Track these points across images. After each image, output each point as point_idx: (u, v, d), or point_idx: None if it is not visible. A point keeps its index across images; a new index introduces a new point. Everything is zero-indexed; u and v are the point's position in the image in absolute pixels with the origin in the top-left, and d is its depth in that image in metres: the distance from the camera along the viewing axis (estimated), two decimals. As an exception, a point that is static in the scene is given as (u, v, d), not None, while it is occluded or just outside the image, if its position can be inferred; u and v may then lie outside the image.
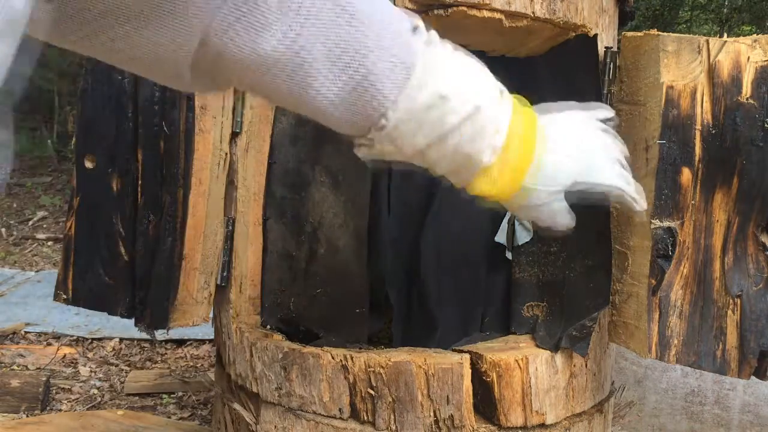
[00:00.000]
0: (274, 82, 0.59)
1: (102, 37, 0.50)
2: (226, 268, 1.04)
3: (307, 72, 0.58)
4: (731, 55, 0.80)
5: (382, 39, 0.60)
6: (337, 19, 0.58)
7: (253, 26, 0.54)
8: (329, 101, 0.61)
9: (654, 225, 0.82)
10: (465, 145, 0.65)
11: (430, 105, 0.63)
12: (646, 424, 1.80)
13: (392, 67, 0.61)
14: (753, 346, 0.82)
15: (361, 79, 0.60)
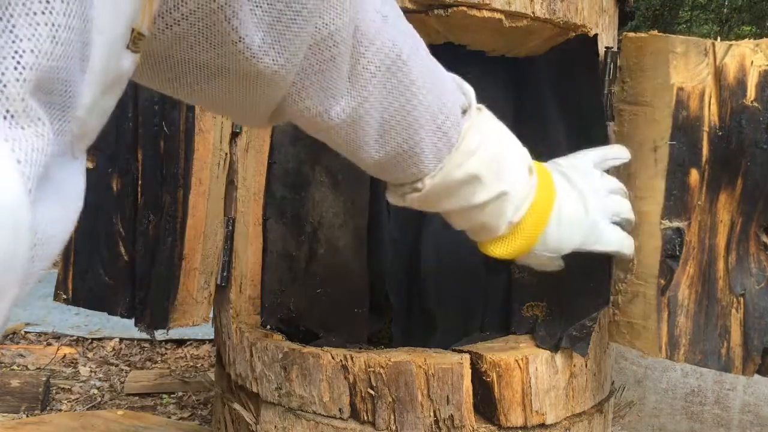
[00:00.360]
0: (330, 138, 0.65)
1: (185, 87, 0.54)
2: (226, 268, 1.04)
3: (361, 137, 0.64)
4: (737, 58, 0.81)
5: (435, 117, 0.65)
6: (399, 93, 0.62)
7: (326, 95, 0.59)
8: (375, 161, 0.67)
9: (663, 225, 0.83)
10: (486, 218, 0.72)
11: (463, 182, 0.69)
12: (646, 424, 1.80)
13: (437, 142, 0.67)
14: (756, 343, 0.82)
15: (407, 149, 0.66)
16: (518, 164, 0.72)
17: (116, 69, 0.38)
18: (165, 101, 0.96)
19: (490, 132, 0.71)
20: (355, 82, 0.60)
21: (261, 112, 0.59)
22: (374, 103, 0.62)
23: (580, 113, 0.93)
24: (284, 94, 0.57)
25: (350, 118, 0.61)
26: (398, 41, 0.61)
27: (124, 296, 1.04)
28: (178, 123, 0.97)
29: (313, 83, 0.57)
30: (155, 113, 0.97)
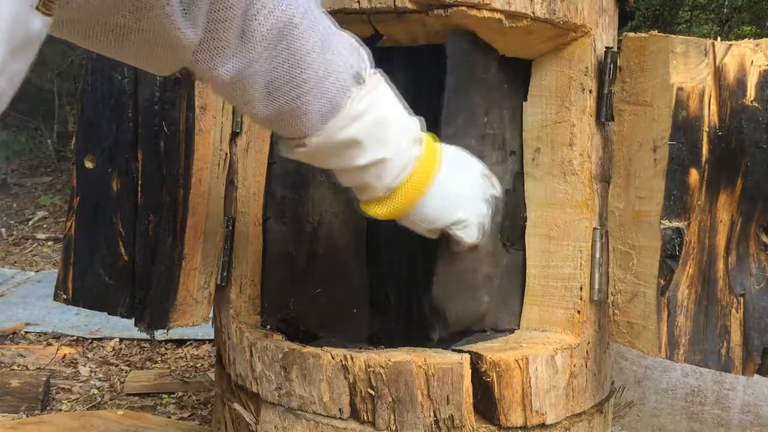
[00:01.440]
0: (223, 94, 0.71)
1: (101, 44, 0.56)
2: (226, 268, 1.04)
3: (250, 94, 0.68)
4: (736, 58, 0.81)
5: (322, 82, 0.69)
6: (286, 57, 0.66)
7: (217, 53, 0.62)
8: (263, 116, 0.71)
9: (663, 225, 0.83)
10: (366, 179, 0.77)
11: (344, 144, 0.74)
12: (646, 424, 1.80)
13: (322, 107, 0.71)
14: (756, 343, 0.82)
15: (293, 109, 0.70)
16: (403, 133, 0.76)
17: (24, 29, 0.37)
18: (165, 101, 0.96)
19: (379, 99, 0.74)
20: (245, 42, 0.62)
21: (170, 67, 0.62)
22: (263, 63, 0.65)
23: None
24: (190, 56, 0.61)
25: (239, 76, 0.64)
26: (292, 4, 0.63)
27: (124, 296, 1.04)
28: (178, 123, 0.97)
29: (206, 41, 0.60)
30: (155, 113, 0.97)
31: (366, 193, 0.80)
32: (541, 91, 0.98)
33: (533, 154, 0.99)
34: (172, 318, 1.03)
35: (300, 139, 0.74)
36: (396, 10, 0.86)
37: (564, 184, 0.96)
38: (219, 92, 0.71)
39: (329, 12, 0.89)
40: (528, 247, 1.00)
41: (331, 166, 0.79)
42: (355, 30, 0.92)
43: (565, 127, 0.95)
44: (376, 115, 0.73)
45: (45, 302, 2.80)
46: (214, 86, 0.68)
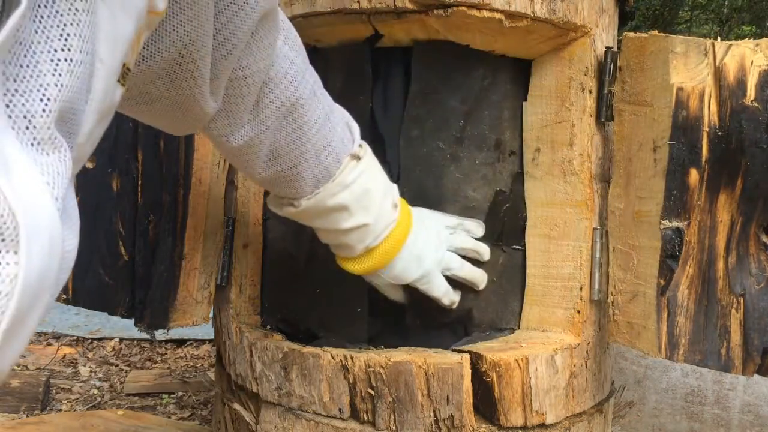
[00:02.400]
0: (229, 156, 0.78)
1: (130, 108, 0.62)
2: (226, 268, 1.04)
3: (254, 159, 0.75)
4: (736, 58, 0.81)
5: (320, 153, 0.77)
6: (292, 130, 0.74)
7: (230, 122, 0.69)
8: (262, 177, 0.78)
9: (663, 225, 0.83)
10: (348, 240, 0.84)
11: (333, 209, 0.81)
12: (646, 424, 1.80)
13: (317, 174, 0.78)
14: (756, 343, 0.82)
15: (290, 174, 0.77)
16: (385, 200, 0.84)
17: (111, 98, 0.42)
18: (165, 101, 0.96)
19: (367, 170, 0.82)
20: (256, 115, 0.70)
21: (186, 130, 0.70)
22: (269, 135, 0.73)
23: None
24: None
25: (247, 144, 0.72)
26: (300, 86, 0.72)
27: (124, 296, 1.04)
28: (178, 123, 0.97)
29: (222, 111, 0.67)
30: (155, 113, 0.97)
31: (344, 251, 0.88)
32: (541, 91, 0.98)
33: (533, 154, 0.99)
34: (172, 318, 1.03)
35: (292, 200, 0.81)
36: (396, 10, 0.86)
37: (564, 184, 0.96)
38: (226, 154, 0.78)
39: (329, 12, 0.89)
40: (528, 247, 1.00)
41: (316, 225, 0.86)
42: (355, 30, 0.93)
43: (565, 127, 0.95)
44: (363, 185, 0.81)
45: (45, 302, 2.80)
46: (223, 150, 0.75)
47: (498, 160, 1.00)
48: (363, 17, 0.89)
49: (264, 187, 0.85)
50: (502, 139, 1.00)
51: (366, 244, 0.84)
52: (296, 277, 1.04)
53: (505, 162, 1.01)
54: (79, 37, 0.34)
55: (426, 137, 0.97)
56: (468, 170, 0.98)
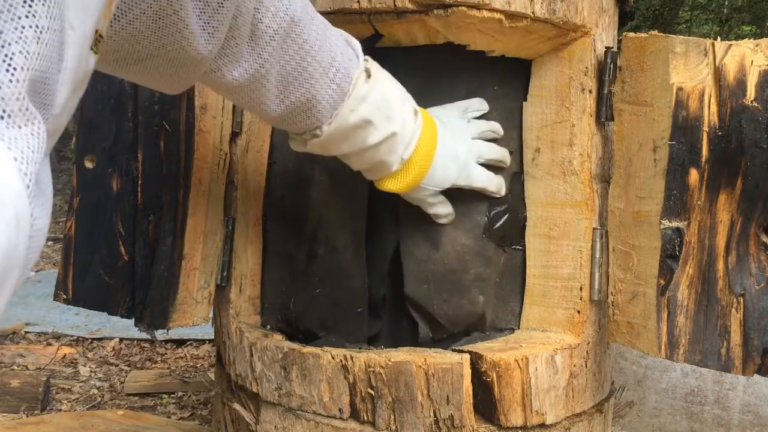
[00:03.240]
0: (235, 98, 0.74)
1: (120, 69, 0.61)
2: (226, 268, 1.04)
3: (263, 94, 0.72)
4: (736, 58, 0.81)
5: (327, 70, 0.74)
6: (294, 52, 0.70)
7: (229, 60, 0.66)
8: (277, 115, 0.75)
9: (663, 225, 0.83)
10: (380, 156, 0.81)
11: (357, 126, 0.78)
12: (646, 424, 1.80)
13: (332, 93, 0.75)
14: (756, 343, 0.82)
15: (305, 101, 0.74)
16: (405, 107, 0.82)
17: (85, 67, 0.40)
18: (165, 101, 0.96)
19: (377, 79, 0.79)
20: (255, 46, 0.67)
21: (184, 84, 0.66)
22: (274, 63, 0.69)
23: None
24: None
25: (252, 79, 0.69)
26: (291, 4, 0.68)
27: (124, 296, 1.04)
28: (178, 123, 0.97)
29: (219, 52, 0.64)
30: (155, 113, 0.97)
31: (379, 171, 0.85)
32: (541, 91, 0.98)
33: (533, 154, 0.99)
34: (172, 318, 1.03)
35: (313, 131, 0.78)
36: (396, 10, 0.86)
37: (564, 184, 0.96)
38: (232, 97, 0.74)
39: (329, 12, 0.89)
40: (528, 247, 1.00)
41: (343, 150, 0.82)
42: (355, 30, 0.93)
43: (564, 127, 0.95)
44: (381, 94, 0.78)
45: (45, 302, 2.80)
46: (228, 91, 0.71)
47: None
48: (363, 17, 0.89)
49: (281, 126, 0.81)
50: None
51: (399, 154, 0.82)
52: (296, 277, 1.04)
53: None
54: (44, 2, 0.33)
55: None
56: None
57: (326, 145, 0.80)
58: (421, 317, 0.97)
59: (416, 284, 0.96)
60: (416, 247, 0.97)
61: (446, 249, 0.97)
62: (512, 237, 1.01)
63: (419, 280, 0.96)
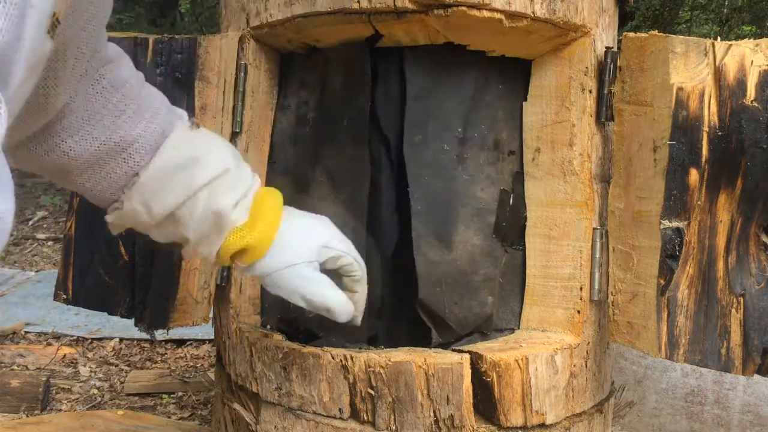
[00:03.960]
0: (32, 150, 0.64)
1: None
2: (226, 268, 1.04)
3: (66, 131, 0.63)
4: (736, 58, 0.81)
5: (143, 111, 0.67)
6: (104, 93, 0.65)
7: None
8: (85, 160, 0.65)
9: (663, 225, 0.83)
10: (216, 201, 0.69)
11: (181, 165, 0.67)
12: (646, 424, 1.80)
13: (151, 133, 0.67)
14: (756, 343, 0.82)
15: (119, 141, 0.66)
16: (229, 150, 0.73)
17: (41, 49, 0.39)
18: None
19: (206, 133, 0.74)
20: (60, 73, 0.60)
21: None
22: (81, 97, 0.64)
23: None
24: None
25: (63, 110, 0.63)
26: (105, 44, 0.65)
27: (124, 296, 1.04)
28: (178, 123, 0.97)
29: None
30: (155, 113, 0.97)
31: (220, 230, 0.72)
32: (541, 91, 0.98)
33: (533, 154, 0.99)
34: (172, 318, 1.03)
35: (131, 178, 0.70)
36: (396, 10, 0.86)
37: (564, 184, 0.96)
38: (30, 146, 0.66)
39: (329, 12, 0.89)
40: (528, 247, 1.00)
41: (171, 203, 0.70)
42: (355, 30, 0.93)
43: (565, 127, 0.95)
44: (209, 140, 0.74)
45: (45, 302, 2.80)
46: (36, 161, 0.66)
47: (498, 159, 1.00)
48: (363, 17, 0.89)
49: (89, 188, 0.69)
50: (500, 139, 1.00)
51: (238, 198, 0.70)
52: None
53: (504, 162, 1.01)
54: None
55: (429, 141, 0.97)
56: (474, 171, 0.98)
57: (149, 198, 0.68)
58: (432, 322, 0.96)
59: (429, 288, 0.95)
60: (429, 248, 0.96)
61: (458, 250, 0.97)
62: (513, 237, 1.01)
63: (432, 284, 0.95)
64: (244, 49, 1.02)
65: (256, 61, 1.03)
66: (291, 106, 1.08)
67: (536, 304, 0.99)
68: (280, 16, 0.94)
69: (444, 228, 0.96)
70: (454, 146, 0.97)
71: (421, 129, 0.97)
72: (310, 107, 1.06)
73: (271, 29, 0.98)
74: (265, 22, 0.96)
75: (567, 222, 0.96)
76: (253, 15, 0.99)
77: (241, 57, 1.02)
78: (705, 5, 6.05)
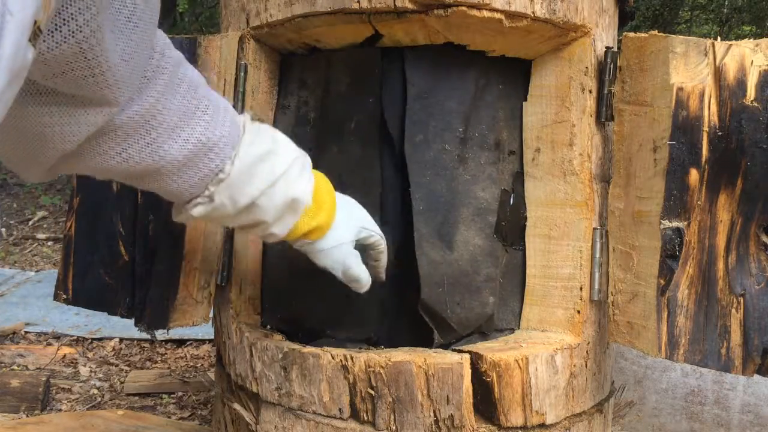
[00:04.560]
0: (125, 150, 0.68)
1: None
2: (226, 268, 1.04)
3: (159, 135, 0.68)
4: (736, 58, 0.81)
5: (219, 109, 0.73)
6: (184, 91, 0.69)
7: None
8: (178, 162, 0.70)
9: (663, 225, 0.83)
10: (293, 188, 0.79)
11: (261, 158, 0.76)
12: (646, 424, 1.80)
13: (229, 129, 0.74)
14: (756, 343, 0.82)
15: (205, 141, 0.71)
16: (290, 142, 0.83)
17: (22, 58, 0.39)
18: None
19: (261, 123, 0.81)
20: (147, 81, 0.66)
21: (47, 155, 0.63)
22: (168, 100, 0.68)
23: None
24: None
25: (147, 116, 0.67)
26: (170, 44, 0.69)
27: (124, 296, 1.04)
28: (178, 123, 0.97)
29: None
30: (155, 113, 0.97)
31: (294, 212, 0.82)
32: (541, 91, 0.98)
33: (533, 154, 0.99)
34: (172, 318, 1.03)
35: (217, 174, 0.76)
36: (396, 10, 0.86)
37: (564, 184, 0.96)
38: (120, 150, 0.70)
39: (329, 12, 0.89)
40: (528, 247, 1.00)
41: (254, 193, 0.78)
42: (355, 30, 0.93)
43: (565, 127, 0.95)
44: (270, 129, 0.82)
45: (45, 302, 2.80)
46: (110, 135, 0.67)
47: (499, 159, 1.00)
48: (363, 17, 0.89)
49: (183, 187, 0.74)
50: (500, 139, 1.00)
51: (308, 178, 0.81)
52: (296, 277, 1.04)
53: (505, 162, 1.01)
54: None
55: (431, 140, 0.97)
56: (475, 171, 0.98)
57: (235, 191, 0.75)
58: (434, 322, 0.96)
59: (431, 288, 0.95)
60: (431, 249, 0.95)
61: (460, 250, 0.96)
62: (513, 237, 1.01)
63: (434, 284, 0.95)
64: (244, 49, 1.02)
65: (256, 61, 1.03)
66: (291, 106, 1.08)
67: (536, 304, 0.99)
68: (280, 16, 0.94)
69: (445, 228, 0.96)
70: (455, 146, 0.97)
71: (422, 129, 0.97)
72: (311, 107, 1.06)
73: (271, 29, 0.98)
74: (265, 22, 0.97)
75: (567, 222, 0.96)
76: (253, 15, 0.99)
77: (241, 57, 1.02)
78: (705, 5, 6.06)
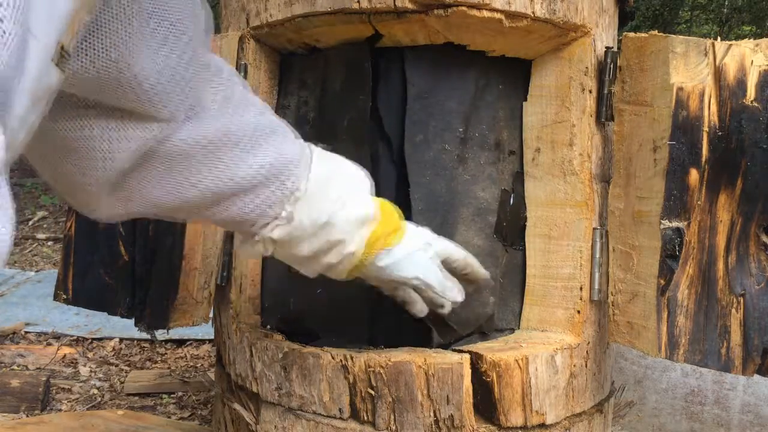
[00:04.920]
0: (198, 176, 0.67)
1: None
2: (226, 267, 1.04)
3: (233, 157, 0.67)
4: (736, 58, 0.81)
5: (286, 131, 0.73)
6: (251, 115, 0.69)
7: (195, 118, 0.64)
8: (248, 183, 0.69)
9: (663, 225, 0.83)
10: (363, 203, 0.78)
11: (330, 175, 0.76)
12: (646, 424, 1.80)
13: (300, 149, 0.73)
14: (756, 343, 0.82)
15: (274, 162, 0.70)
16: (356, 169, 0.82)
17: (47, 80, 0.39)
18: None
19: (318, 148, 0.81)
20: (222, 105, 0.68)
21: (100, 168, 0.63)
22: (240, 120, 0.69)
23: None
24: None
25: (224, 139, 0.67)
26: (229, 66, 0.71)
27: (124, 296, 1.04)
28: (178, 123, 0.97)
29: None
30: (155, 113, 0.97)
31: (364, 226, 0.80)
32: (541, 91, 0.98)
33: (533, 154, 0.99)
34: (172, 318, 1.03)
35: (292, 194, 0.75)
36: (396, 10, 0.86)
37: (564, 184, 0.96)
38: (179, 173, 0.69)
39: (329, 12, 0.89)
40: (528, 247, 1.00)
41: (322, 220, 0.77)
42: (355, 30, 0.93)
43: (565, 127, 0.95)
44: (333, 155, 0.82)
45: (45, 302, 2.80)
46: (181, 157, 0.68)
47: (499, 159, 1.00)
48: (363, 17, 0.89)
49: (248, 214, 0.73)
50: (500, 139, 1.00)
51: (371, 198, 0.80)
52: (296, 277, 1.04)
53: (505, 162, 1.01)
54: (11, 6, 0.31)
55: (431, 140, 0.97)
56: (475, 171, 0.98)
57: (311, 210, 0.75)
58: (434, 322, 0.96)
59: None
60: None
61: None
62: (513, 237, 1.01)
63: None
64: (244, 49, 1.02)
65: (256, 61, 1.03)
66: (291, 105, 1.08)
67: (536, 304, 0.99)
68: (280, 16, 0.94)
69: (445, 228, 0.96)
70: (455, 146, 0.97)
71: (422, 128, 0.97)
72: (311, 107, 1.06)
73: (271, 29, 0.98)
74: (265, 22, 0.97)
75: (567, 222, 0.96)
76: (253, 15, 0.99)
77: (241, 57, 1.02)
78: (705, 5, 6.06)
